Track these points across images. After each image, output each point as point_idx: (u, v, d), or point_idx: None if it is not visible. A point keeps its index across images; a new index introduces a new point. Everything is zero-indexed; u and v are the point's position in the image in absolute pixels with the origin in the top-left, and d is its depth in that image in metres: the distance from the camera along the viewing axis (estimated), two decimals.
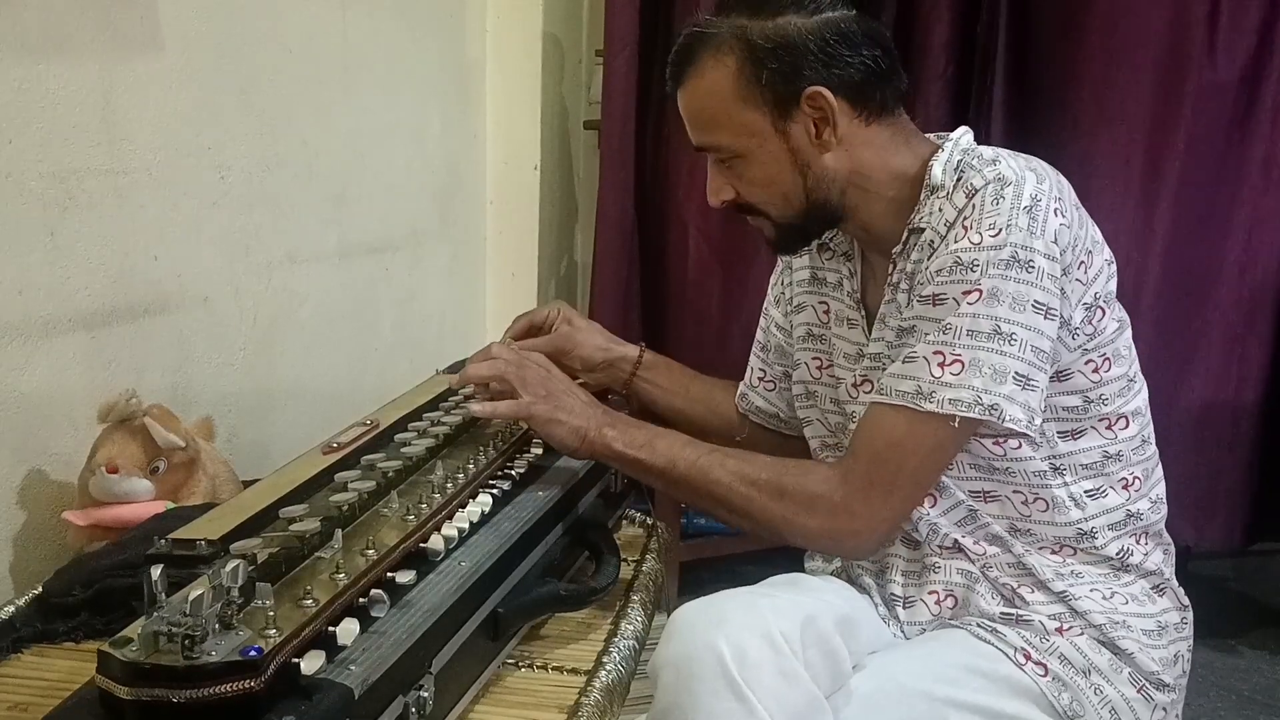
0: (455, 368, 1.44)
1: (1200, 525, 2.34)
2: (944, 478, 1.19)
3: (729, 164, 1.22)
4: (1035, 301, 1.09)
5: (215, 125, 1.58)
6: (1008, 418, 1.09)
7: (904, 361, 1.13)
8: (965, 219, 1.12)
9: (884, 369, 1.17)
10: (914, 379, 1.11)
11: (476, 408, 1.23)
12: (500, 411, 1.23)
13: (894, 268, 1.19)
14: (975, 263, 1.09)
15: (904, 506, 1.17)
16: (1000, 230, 1.09)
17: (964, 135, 1.21)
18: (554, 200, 2.77)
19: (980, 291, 1.09)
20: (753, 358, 1.48)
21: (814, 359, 1.35)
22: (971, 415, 1.09)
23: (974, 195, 1.13)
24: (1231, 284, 2.29)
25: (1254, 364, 2.31)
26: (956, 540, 1.20)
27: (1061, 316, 1.12)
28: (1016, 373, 1.09)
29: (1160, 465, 1.27)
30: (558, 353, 1.41)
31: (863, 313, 1.27)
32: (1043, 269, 1.09)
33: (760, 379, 1.47)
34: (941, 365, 1.10)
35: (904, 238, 1.18)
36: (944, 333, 1.11)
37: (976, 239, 1.10)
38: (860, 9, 1.18)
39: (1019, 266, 1.09)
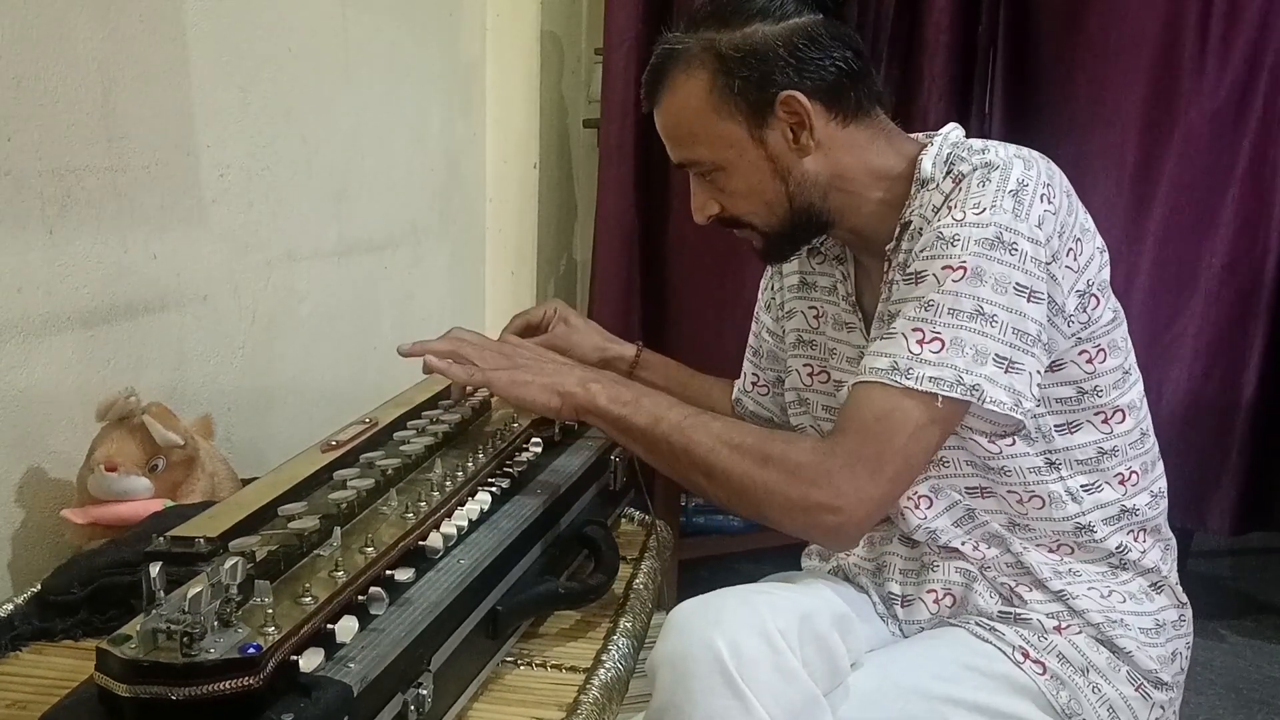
0: None
1: (1189, 517, 2.35)
2: (939, 478, 1.18)
3: (710, 178, 1.21)
4: (1017, 284, 1.08)
5: (215, 123, 1.57)
6: (989, 399, 1.07)
7: (882, 339, 1.11)
8: (950, 201, 1.12)
9: None
10: (890, 355, 1.09)
11: (433, 360, 1.19)
12: (454, 374, 1.19)
13: (889, 265, 1.18)
14: (957, 237, 1.09)
15: (891, 488, 1.11)
16: (985, 210, 1.09)
17: (953, 130, 1.21)
18: (553, 198, 2.77)
19: (964, 269, 1.08)
20: (746, 362, 1.48)
21: (805, 365, 1.34)
22: (953, 395, 1.07)
23: (961, 180, 1.13)
24: (1221, 280, 2.31)
25: (1243, 359, 2.32)
26: (955, 548, 1.20)
27: (1054, 302, 1.11)
28: (997, 355, 1.08)
29: (1160, 460, 1.26)
30: (554, 352, 1.41)
31: (859, 315, 1.27)
32: (1026, 252, 1.08)
33: (753, 384, 1.47)
34: (920, 342, 1.08)
35: (895, 234, 1.18)
36: (925, 310, 1.09)
37: (960, 216, 1.10)
38: (861, 10, 1.18)
39: (1003, 247, 1.08)
